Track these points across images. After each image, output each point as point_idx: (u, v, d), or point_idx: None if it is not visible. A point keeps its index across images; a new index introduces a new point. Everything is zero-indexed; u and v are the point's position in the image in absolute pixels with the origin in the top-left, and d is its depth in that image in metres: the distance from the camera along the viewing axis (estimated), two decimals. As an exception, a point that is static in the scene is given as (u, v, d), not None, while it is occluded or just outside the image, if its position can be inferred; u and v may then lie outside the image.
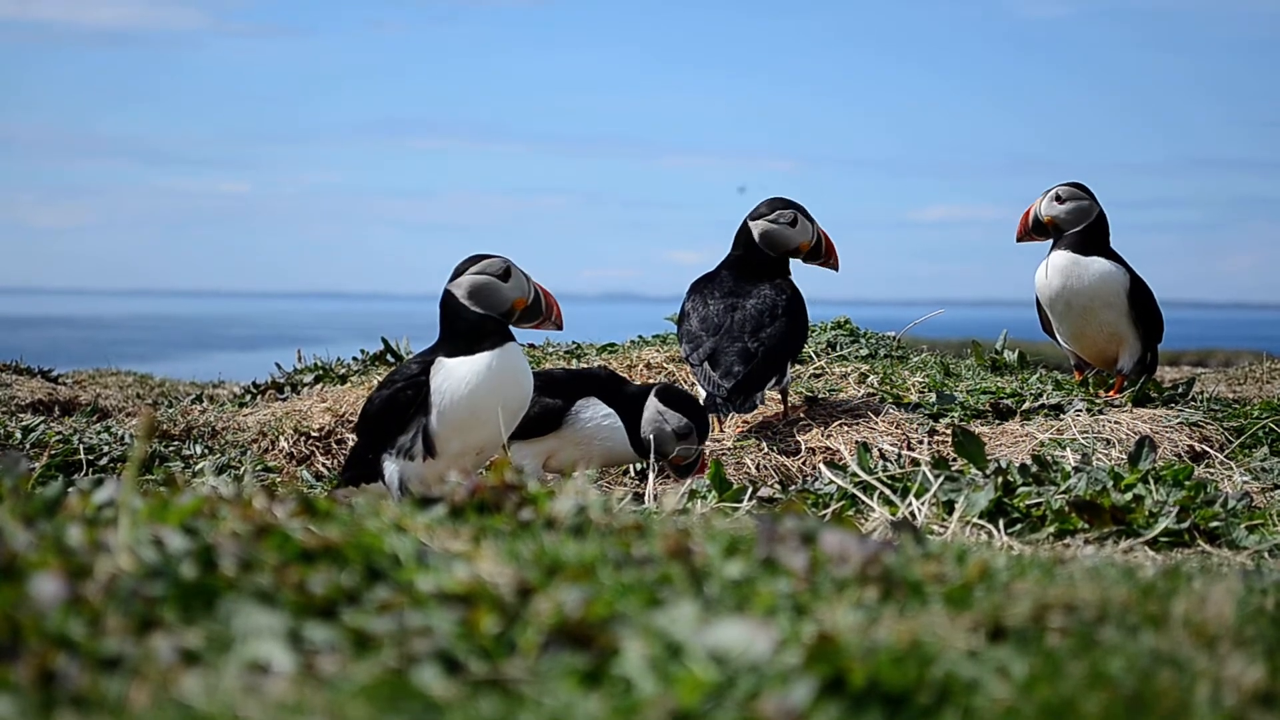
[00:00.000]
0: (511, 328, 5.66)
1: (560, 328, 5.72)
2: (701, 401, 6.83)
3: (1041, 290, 7.64)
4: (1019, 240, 7.66)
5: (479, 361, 5.51)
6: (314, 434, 7.74)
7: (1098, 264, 7.54)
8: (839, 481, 4.93)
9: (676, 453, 6.35)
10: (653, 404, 6.35)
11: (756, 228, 7.27)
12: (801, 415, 7.32)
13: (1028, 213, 7.58)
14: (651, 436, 6.34)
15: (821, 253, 7.31)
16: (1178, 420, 7.12)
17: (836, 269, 7.39)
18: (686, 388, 7.54)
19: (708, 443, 6.48)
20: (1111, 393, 7.50)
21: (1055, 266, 7.57)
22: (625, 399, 6.39)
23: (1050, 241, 7.63)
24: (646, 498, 6.05)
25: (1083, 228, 7.56)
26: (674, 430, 6.34)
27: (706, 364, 6.97)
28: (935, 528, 4.46)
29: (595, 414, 6.33)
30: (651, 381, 7.42)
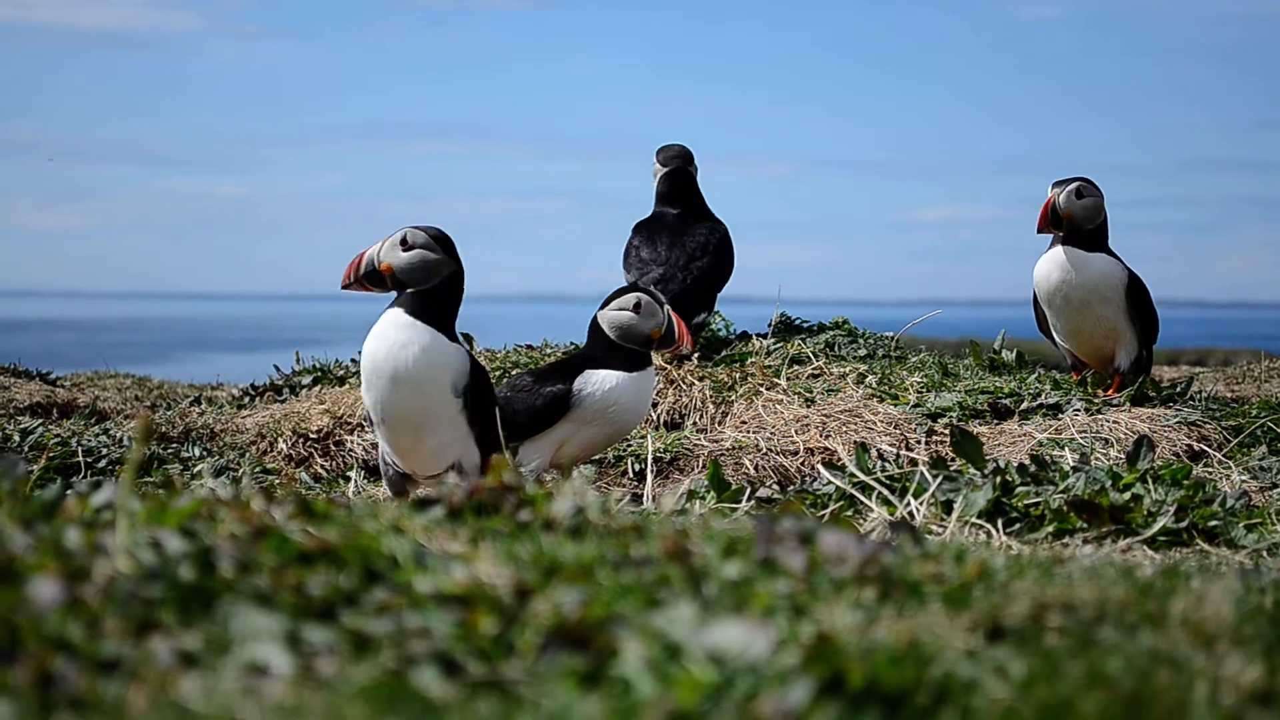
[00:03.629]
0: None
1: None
2: None
3: (1040, 285, 7.62)
4: (1040, 231, 7.59)
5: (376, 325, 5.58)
6: (312, 436, 7.74)
7: (1096, 260, 7.53)
8: (837, 482, 4.93)
9: (650, 329, 6.32)
10: (604, 316, 6.36)
11: (671, 164, 8.52)
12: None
13: (1047, 204, 7.51)
14: (622, 335, 6.33)
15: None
16: (1176, 419, 7.12)
17: None
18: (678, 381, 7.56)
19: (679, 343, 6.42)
20: (1110, 392, 7.49)
21: (1054, 261, 7.55)
22: (611, 355, 6.34)
23: (1051, 236, 7.61)
24: (645, 499, 6.05)
25: (1093, 225, 7.54)
26: (633, 312, 6.33)
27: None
28: (934, 528, 4.46)
29: (599, 384, 6.29)
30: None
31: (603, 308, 6.39)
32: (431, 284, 5.51)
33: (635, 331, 6.30)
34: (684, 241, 8.25)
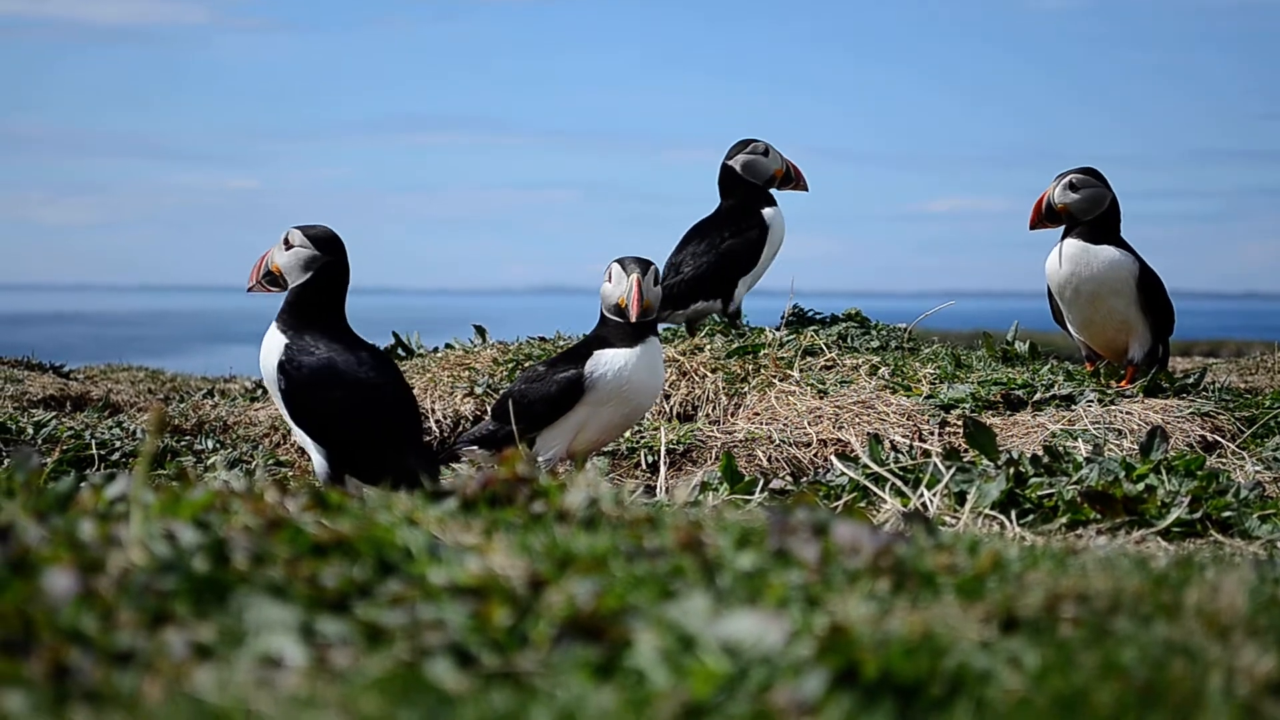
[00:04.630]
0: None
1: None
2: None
3: (1051, 277, 7.61)
4: (1032, 228, 7.60)
5: None
6: (325, 428, 7.73)
7: (1107, 251, 7.51)
8: (850, 473, 4.93)
9: (618, 296, 6.31)
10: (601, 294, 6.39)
11: (737, 163, 8.52)
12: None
13: (1041, 200, 7.52)
14: (605, 304, 6.33)
15: (792, 178, 8.63)
16: (1189, 410, 7.11)
17: (806, 189, 8.70)
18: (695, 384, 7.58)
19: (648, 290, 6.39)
20: (1123, 383, 7.48)
21: (1065, 254, 7.54)
22: (612, 332, 6.35)
23: (1062, 229, 7.60)
24: (658, 490, 6.05)
25: (1095, 216, 7.52)
26: (607, 280, 6.33)
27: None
28: (947, 519, 4.46)
29: (610, 363, 6.27)
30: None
31: None
32: (305, 278, 5.69)
33: (609, 299, 6.31)
34: (703, 238, 8.46)
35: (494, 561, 2.41)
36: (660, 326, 8.28)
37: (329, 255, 5.68)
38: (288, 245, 5.73)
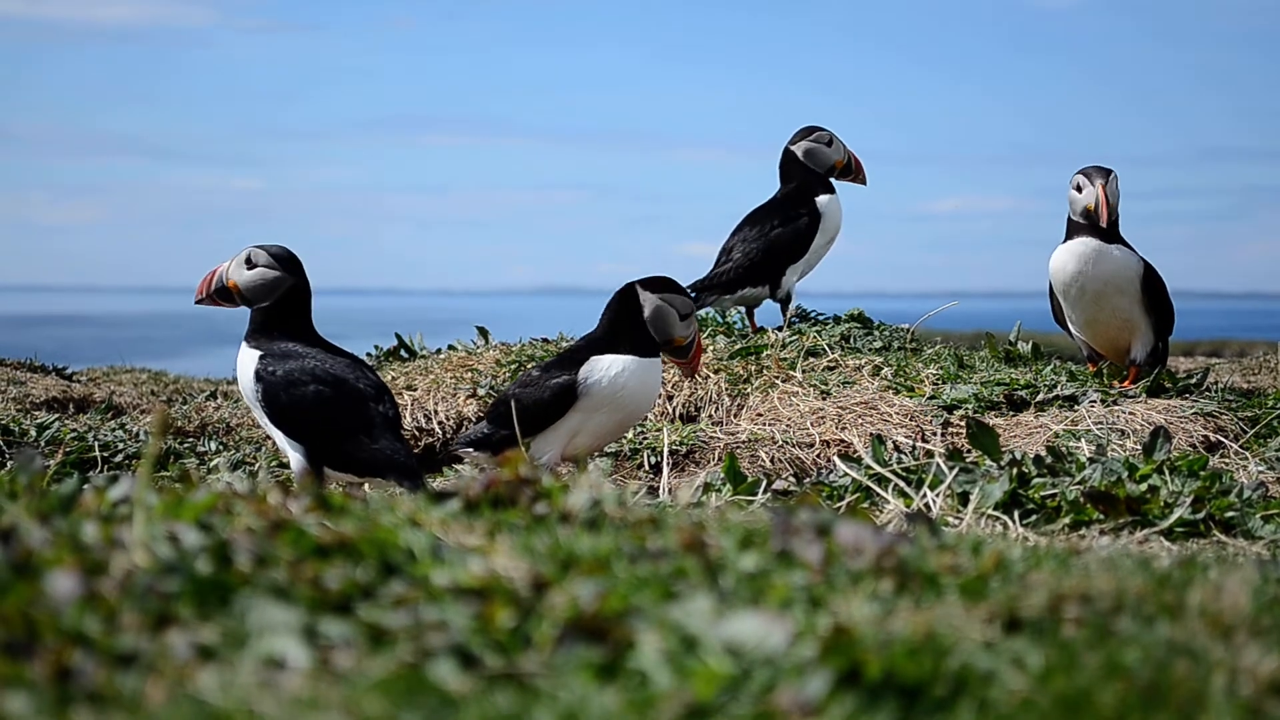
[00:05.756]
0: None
1: None
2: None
3: (1056, 275, 7.59)
4: (1107, 223, 7.48)
5: None
6: (328, 430, 7.73)
7: (1114, 251, 7.49)
8: (853, 474, 4.93)
9: (678, 335, 6.30)
10: (650, 297, 6.31)
11: (799, 149, 8.63)
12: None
13: (1106, 198, 7.41)
14: (654, 321, 6.27)
15: (852, 169, 8.69)
16: (1192, 411, 7.10)
17: (865, 183, 8.74)
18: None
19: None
20: (1126, 383, 7.48)
21: (1072, 252, 7.52)
22: (622, 336, 6.33)
23: (1066, 227, 7.57)
24: (661, 491, 6.05)
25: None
26: (680, 312, 6.31)
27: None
28: (950, 519, 4.46)
29: (605, 370, 6.23)
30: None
31: (655, 289, 6.34)
32: (272, 300, 5.83)
33: (668, 328, 6.27)
34: (755, 224, 8.62)
35: (497, 563, 2.41)
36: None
37: (294, 277, 5.84)
38: (250, 265, 5.82)
